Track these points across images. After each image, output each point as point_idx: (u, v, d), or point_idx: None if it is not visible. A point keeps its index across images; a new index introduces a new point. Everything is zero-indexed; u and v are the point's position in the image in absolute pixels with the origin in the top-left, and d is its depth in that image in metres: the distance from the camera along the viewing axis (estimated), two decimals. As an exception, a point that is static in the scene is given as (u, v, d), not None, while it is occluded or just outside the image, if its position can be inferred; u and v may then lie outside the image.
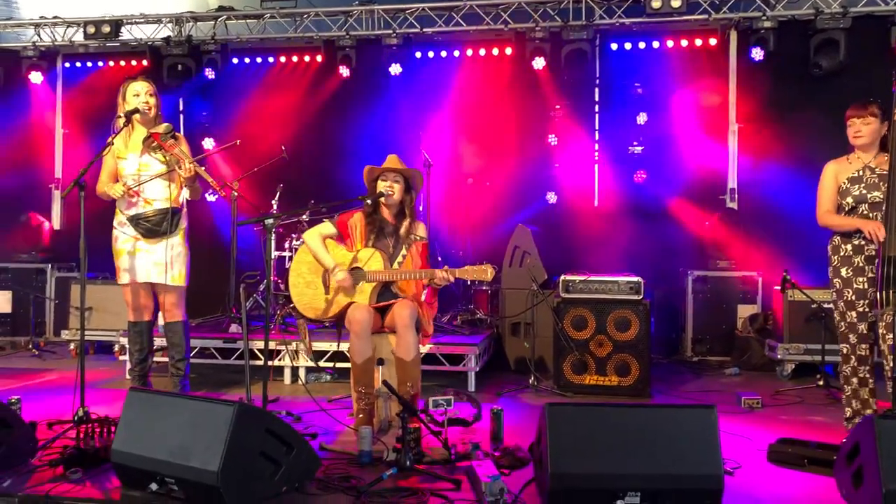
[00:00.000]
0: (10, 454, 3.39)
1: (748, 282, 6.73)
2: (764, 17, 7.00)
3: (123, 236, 4.55)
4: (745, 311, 6.68)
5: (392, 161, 4.32)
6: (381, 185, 4.26)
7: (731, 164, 7.41)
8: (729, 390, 5.47)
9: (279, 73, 8.21)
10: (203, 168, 4.41)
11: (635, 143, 7.53)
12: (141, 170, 4.49)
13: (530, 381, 5.47)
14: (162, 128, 4.43)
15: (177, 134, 4.54)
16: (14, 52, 8.30)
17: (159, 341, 5.12)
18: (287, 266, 6.58)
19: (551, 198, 7.60)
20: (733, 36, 7.37)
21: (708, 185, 7.40)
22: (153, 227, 4.49)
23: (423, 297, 4.25)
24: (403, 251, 4.24)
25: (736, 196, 7.37)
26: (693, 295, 6.82)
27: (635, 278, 5.30)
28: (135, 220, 4.51)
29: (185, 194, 4.59)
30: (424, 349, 4.83)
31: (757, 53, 7.05)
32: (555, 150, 7.66)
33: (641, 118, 7.46)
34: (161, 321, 4.87)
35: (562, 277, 5.44)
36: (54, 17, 8.32)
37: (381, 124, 7.79)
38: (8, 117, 8.46)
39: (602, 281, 5.35)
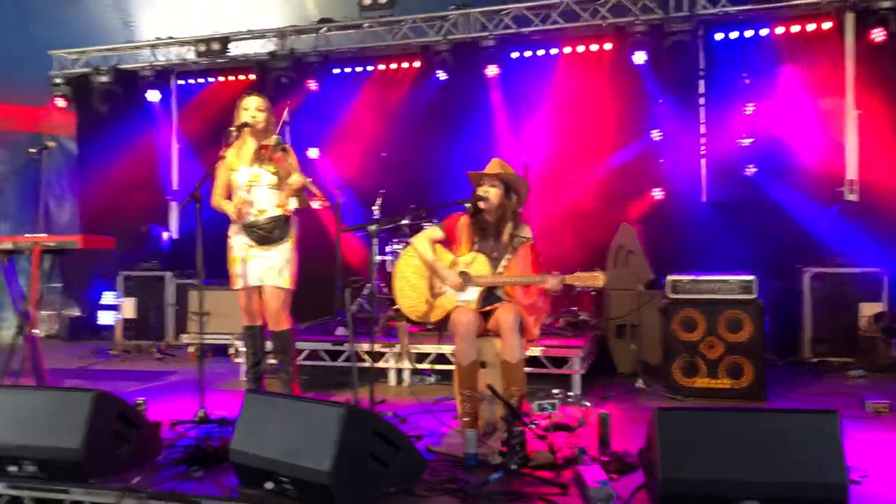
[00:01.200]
0: (137, 452, 3.62)
1: (871, 278, 6.33)
2: (884, -5, 6.59)
3: (238, 244, 4.76)
4: (868, 309, 6.27)
5: (492, 165, 4.34)
6: (479, 191, 4.29)
7: (850, 153, 7.00)
8: (853, 393, 5.16)
9: (378, 80, 8.39)
10: (310, 180, 4.58)
11: (744, 136, 7.24)
12: (252, 181, 4.69)
13: (638, 385, 5.37)
14: (272, 140, 4.64)
15: (286, 146, 4.73)
16: (133, 73, 8.86)
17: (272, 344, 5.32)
18: (389, 270, 6.73)
19: (657, 194, 7.42)
20: (850, 18, 6.97)
21: (824, 177, 7.02)
22: (266, 234, 4.67)
23: (535, 300, 4.23)
24: (507, 255, 4.24)
25: (856, 188, 6.97)
26: (811, 293, 6.49)
27: (748, 277, 5.11)
28: (249, 229, 4.70)
29: (294, 203, 4.76)
30: (534, 352, 4.83)
31: (878, 35, 6.64)
32: (659, 146, 7.46)
33: (749, 109, 7.16)
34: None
35: (669, 277, 5.31)
36: (168, 38, 8.83)
37: (479, 127, 7.83)
38: (129, 135, 9.02)
39: (712, 280, 5.18)
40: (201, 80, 9.01)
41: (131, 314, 7.99)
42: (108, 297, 8.64)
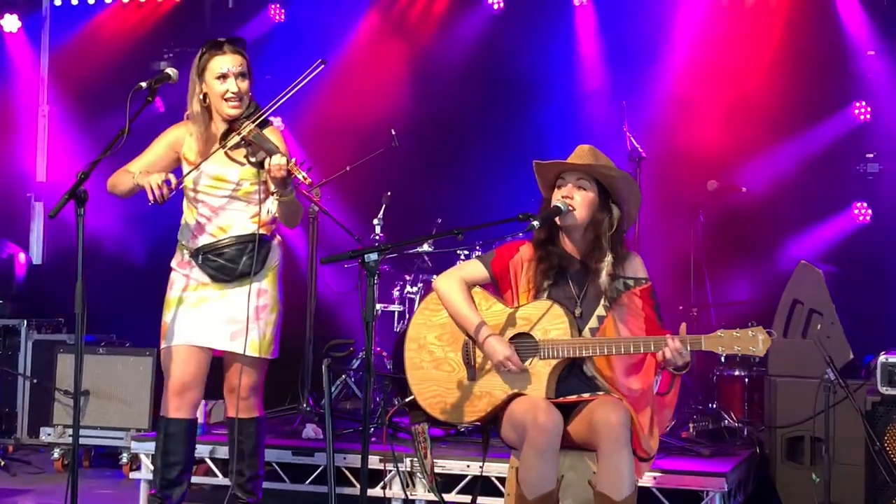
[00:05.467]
0: None
1: None
2: None
3: (183, 280, 4.84)
4: None
5: (581, 154, 4.30)
6: (558, 195, 4.25)
7: None
8: None
9: (388, 7, 8.51)
10: (294, 159, 4.59)
11: None
12: (215, 184, 4.77)
13: (823, 544, 5.30)
14: (247, 128, 4.66)
15: (270, 120, 4.82)
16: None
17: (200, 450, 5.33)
18: (398, 329, 6.69)
19: (861, 212, 7.40)
20: None
21: None
22: (228, 262, 4.74)
23: (654, 386, 4.19)
24: (602, 308, 4.21)
25: None
26: None
27: None
28: (202, 256, 4.77)
29: (273, 211, 4.78)
30: (642, 482, 4.76)
31: None
32: (867, 129, 7.50)
33: None
34: (208, 418, 5.08)
35: (881, 358, 5.28)
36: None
37: (557, 89, 7.88)
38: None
39: (955, 366, 5.15)
40: (92, 1, 9.11)
41: (-43, 391, 8.04)
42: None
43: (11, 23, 8.95)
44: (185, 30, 8.67)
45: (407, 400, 4.54)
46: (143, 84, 4.51)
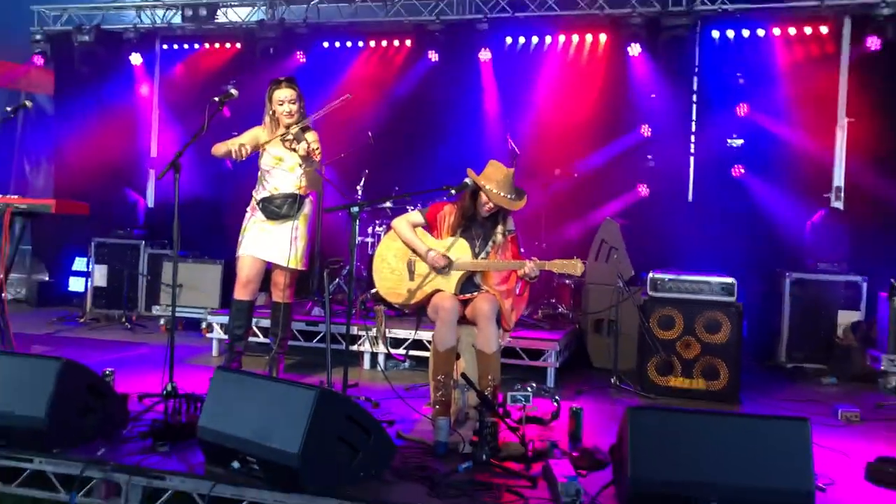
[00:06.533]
0: (103, 424, 3.61)
1: (851, 287, 6.41)
2: (882, 4, 6.64)
3: (252, 217, 4.96)
4: (846, 317, 6.36)
5: (497, 178, 4.16)
6: (483, 200, 4.23)
7: (839, 160, 7.10)
8: (826, 401, 5.26)
9: (368, 57, 8.36)
10: (314, 139, 4.77)
11: (734, 136, 7.30)
12: (275, 163, 4.90)
13: (612, 381, 5.41)
14: (292, 132, 4.76)
15: (307, 127, 4.89)
16: (117, 34, 8.71)
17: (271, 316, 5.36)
18: (371, 252, 6.72)
19: (643, 190, 7.46)
20: (847, 23, 7.04)
21: (811, 183, 7.12)
22: (276, 209, 4.87)
23: (515, 290, 4.24)
24: (489, 247, 4.24)
25: (842, 195, 7.06)
26: (790, 298, 6.55)
27: (729, 279, 5.17)
28: (262, 204, 4.90)
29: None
30: (509, 343, 4.85)
31: (873, 43, 6.71)
32: (648, 141, 7.51)
33: (742, 110, 7.22)
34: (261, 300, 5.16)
35: (650, 275, 5.37)
36: (154, 0, 8.70)
37: (469, 111, 7.84)
38: (109, 98, 8.91)
39: (693, 280, 5.24)
40: (186, 46, 8.91)
41: (102, 282, 7.93)
42: (79, 264, 8.58)
43: (136, 58, 8.69)
44: (243, 66, 8.45)
45: (373, 290, 4.58)
46: (216, 98, 4.50)
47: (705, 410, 3.49)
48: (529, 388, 4.13)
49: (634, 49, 7.23)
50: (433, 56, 7.81)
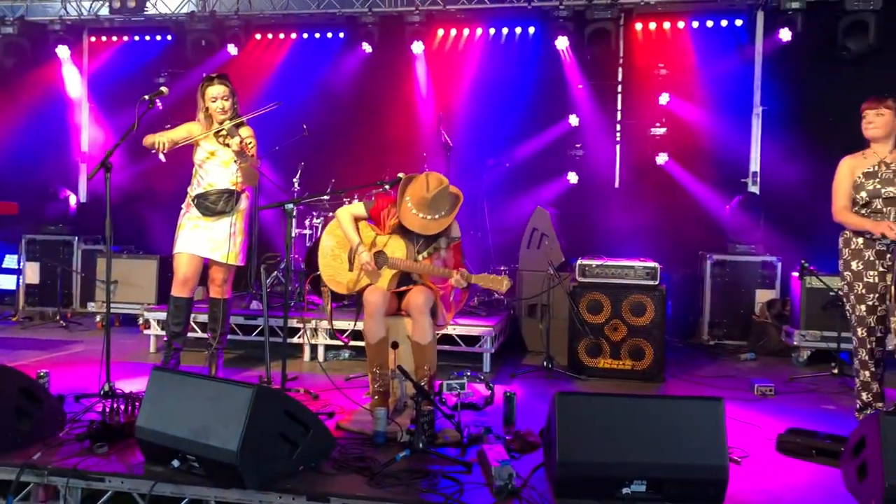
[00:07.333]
0: (39, 427, 3.53)
1: (767, 267, 6.72)
2: (792, -2, 6.90)
3: (188, 214, 4.89)
4: (763, 296, 6.68)
5: (431, 184, 4.12)
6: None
7: (754, 147, 7.38)
8: (743, 376, 5.51)
9: (301, 49, 8.28)
10: (249, 136, 4.73)
11: (657, 125, 7.50)
12: (208, 157, 4.85)
13: (545, 364, 5.54)
14: (225, 128, 4.70)
15: (241, 122, 4.81)
16: (41, 26, 8.39)
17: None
18: (308, 245, 6.69)
19: (572, 178, 7.59)
20: (760, 17, 7.30)
21: (730, 168, 7.39)
22: (211, 205, 4.80)
23: (451, 297, 4.26)
24: (432, 248, 4.23)
25: (758, 179, 7.35)
26: (711, 278, 6.83)
27: (651, 264, 5.34)
28: (197, 200, 4.83)
29: (239, 176, 4.83)
30: (448, 330, 4.91)
31: (784, 35, 6.95)
32: (576, 131, 7.66)
33: (664, 99, 7.42)
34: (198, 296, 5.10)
35: (578, 261, 5.49)
36: (80, -9, 8.41)
37: (402, 103, 7.87)
38: (37, 90, 8.59)
39: (618, 266, 5.39)
40: (115, 38, 8.67)
41: (35, 279, 7.69)
42: (9, 261, 8.29)
43: (63, 51, 8.37)
44: (175, 58, 8.27)
45: (317, 273, 4.55)
46: (146, 97, 4.43)
47: (627, 394, 3.62)
48: (465, 376, 4.21)
49: (562, 42, 7.33)
50: (366, 48, 7.76)
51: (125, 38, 8.61)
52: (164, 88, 4.61)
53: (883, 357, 4.06)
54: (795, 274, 6.04)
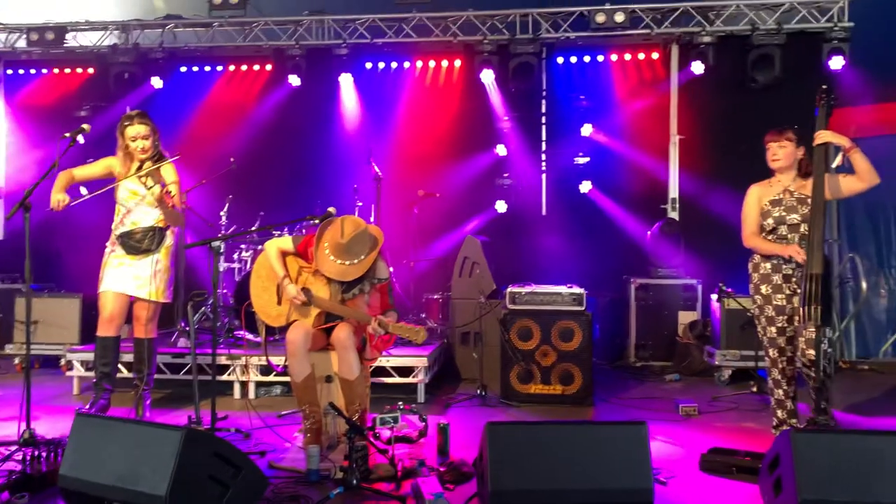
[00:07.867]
0: (-46, 480, 3.38)
1: (688, 289, 6.97)
2: (703, 33, 7.26)
3: (113, 252, 4.80)
4: (685, 317, 6.91)
5: (338, 248, 4.12)
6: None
7: (672, 174, 7.67)
8: (669, 397, 5.68)
9: (228, 82, 8.23)
10: (170, 184, 4.70)
11: (581, 154, 7.72)
12: (131, 196, 4.78)
13: (478, 392, 5.59)
14: (146, 167, 4.70)
15: (161, 158, 4.76)
16: (-47, 57, 8.13)
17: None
18: (237, 279, 6.60)
19: (501, 207, 7.72)
20: (675, 50, 7.64)
21: (650, 195, 7.66)
22: (135, 244, 4.75)
23: (376, 337, 4.21)
24: (356, 290, 4.23)
25: (677, 206, 7.63)
26: (636, 302, 7.04)
27: (578, 290, 5.48)
28: (121, 239, 4.76)
29: (165, 216, 4.78)
30: (379, 362, 4.90)
31: (697, 67, 7.30)
32: (504, 161, 7.81)
33: (586, 130, 7.65)
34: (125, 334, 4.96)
35: (508, 289, 5.59)
36: (-4, 23, 8.18)
37: (331, 135, 7.89)
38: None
39: (546, 293, 5.51)
40: (34, 71, 8.43)
41: (-52, 321, 7.33)
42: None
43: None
44: (97, 91, 8.10)
45: (247, 303, 4.48)
46: (67, 135, 4.38)
47: (554, 421, 3.70)
48: (398, 409, 4.22)
49: (487, 75, 7.50)
50: (294, 80, 7.77)
51: (44, 71, 8.39)
52: (85, 125, 4.52)
53: (794, 375, 4.26)
54: (714, 296, 6.27)
